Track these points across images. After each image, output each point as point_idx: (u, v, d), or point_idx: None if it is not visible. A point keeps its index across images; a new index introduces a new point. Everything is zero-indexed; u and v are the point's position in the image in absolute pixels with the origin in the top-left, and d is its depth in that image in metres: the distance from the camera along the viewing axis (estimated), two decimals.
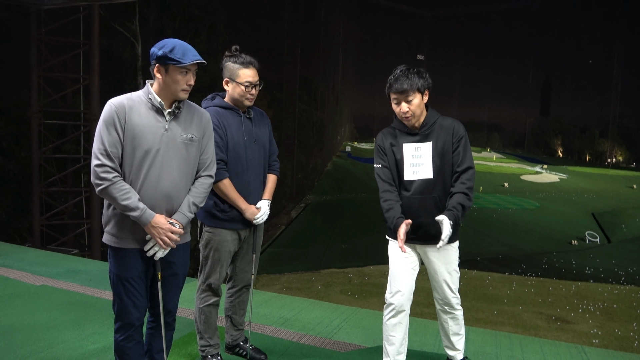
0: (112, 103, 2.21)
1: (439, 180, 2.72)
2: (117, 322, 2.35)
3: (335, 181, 59.32)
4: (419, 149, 2.75)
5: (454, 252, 2.82)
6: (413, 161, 2.75)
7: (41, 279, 4.88)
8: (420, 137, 2.75)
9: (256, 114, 3.01)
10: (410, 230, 2.73)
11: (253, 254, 3.03)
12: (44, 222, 14.52)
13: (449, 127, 2.74)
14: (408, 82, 2.67)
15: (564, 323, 16.01)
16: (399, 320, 2.81)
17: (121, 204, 2.15)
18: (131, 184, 2.22)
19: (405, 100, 2.69)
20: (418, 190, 2.73)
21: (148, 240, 2.26)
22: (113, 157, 2.16)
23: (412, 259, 2.84)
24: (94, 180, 2.17)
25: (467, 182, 2.69)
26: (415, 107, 2.70)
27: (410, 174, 2.75)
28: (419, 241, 2.78)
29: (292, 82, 43.34)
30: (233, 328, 3.16)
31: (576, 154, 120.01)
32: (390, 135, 2.83)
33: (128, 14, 19.12)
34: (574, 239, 36.93)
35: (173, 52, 2.19)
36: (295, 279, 21.02)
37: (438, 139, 2.73)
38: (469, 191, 2.68)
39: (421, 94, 2.71)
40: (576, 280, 22.81)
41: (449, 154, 2.73)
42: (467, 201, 2.66)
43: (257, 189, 2.97)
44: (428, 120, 2.77)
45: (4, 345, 3.31)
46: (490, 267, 24.88)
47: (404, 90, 2.68)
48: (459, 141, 2.72)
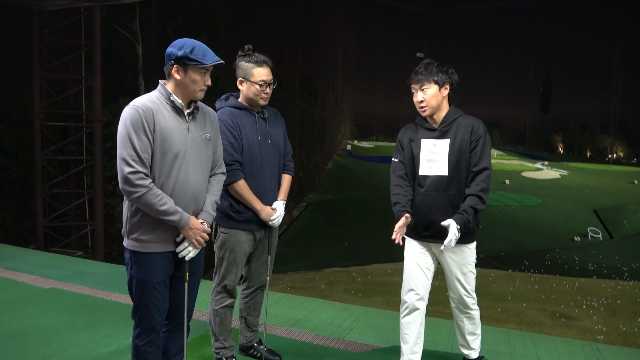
0: (137, 106, 2.15)
1: (454, 178, 2.69)
2: (138, 328, 2.33)
3: (337, 180, 59.34)
4: (436, 145, 2.73)
5: (470, 253, 2.79)
6: (429, 157, 2.74)
7: (50, 282, 4.86)
8: (439, 133, 2.74)
9: (270, 114, 2.98)
10: (424, 227, 2.72)
11: (268, 255, 3.01)
12: (47, 224, 14.52)
13: (469, 125, 2.72)
14: (426, 72, 2.69)
15: (568, 320, 15.99)
16: (413, 319, 2.80)
17: (159, 209, 2.13)
18: (162, 187, 2.20)
19: (421, 90, 2.71)
20: (432, 187, 2.71)
21: (179, 242, 2.27)
22: (145, 162, 2.14)
23: (427, 258, 2.82)
24: (127, 187, 2.12)
25: (482, 183, 2.65)
26: (430, 98, 2.69)
27: (425, 169, 2.74)
28: (432, 239, 2.75)
29: (293, 81, 43.34)
30: (247, 329, 3.14)
31: (577, 150, 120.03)
32: (411, 131, 2.84)
33: (129, 14, 19.11)
34: (577, 235, 36.96)
35: (194, 53, 2.16)
36: (299, 278, 21.02)
37: (456, 137, 2.71)
38: (482, 193, 2.64)
39: (438, 86, 2.70)
40: (579, 277, 22.84)
41: (466, 152, 2.70)
42: (480, 204, 2.63)
43: (272, 190, 2.94)
44: (448, 117, 2.75)
45: (16, 349, 3.29)
46: (493, 264, 24.88)
47: (419, 80, 2.70)
48: (477, 140, 2.69)
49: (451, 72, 2.74)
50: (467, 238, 2.72)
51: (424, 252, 2.81)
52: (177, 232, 2.26)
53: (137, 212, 2.22)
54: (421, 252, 2.81)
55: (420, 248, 2.82)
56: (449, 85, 2.73)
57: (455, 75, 2.76)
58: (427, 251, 2.82)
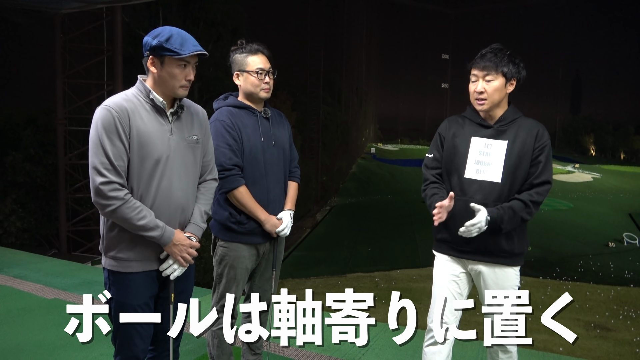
0: (110, 107, 1.86)
1: (507, 187, 2.25)
2: (118, 356, 2.06)
3: (360, 183, 58.90)
4: (489, 146, 2.29)
5: (514, 276, 2.34)
6: (479, 158, 2.29)
7: (54, 292, 4.68)
8: (495, 132, 2.30)
9: (274, 114, 2.67)
10: (464, 241, 2.28)
11: (273, 271, 2.70)
12: (70, 228, 14.63)
13: (533, 129, 2.28)
14: (495, 60, 2.25)
15: (603, 330, 15.24)
16: (438, 350, 2.40)
17: (137, 224, 1.85)
18: (141, 199, 1.92)
19: (483, 79, 2.27)
20: (479, 194, 2.27)
21: (164, 259, 1.99)
22: (120, 171, 1.86)
23: (461, 283, 2.39)
24: (98, 200, 1.84)
25: (536, 195, 2.23)
26: (492, 91, 2.25)
27: (472, 172, 2.29)
28: (470, 255, 2.33)
29: (316, 85, 43.24)
30: (250, 352, 2.83)
31: (610, 152, 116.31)
32: (457, 124, 2.38)
33: (151, 19, 19.25)
34: (611, 240, 35.53)
35: (170, 42, 1.87)
36: (321, 283, 20.73)
37: (516, 139, 2.27)
38: (532, 204, 2.22)
39: (505, 80, 2.26)
40: (615, 285, 21.89)
41: (526, 159, 2.25)
42: (524, 212, 2.22)
43: (277, 198, 2.62)
44: (507, 115, 2.31)
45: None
46: (523, 270, 23.87)
47: (485, 67, 2.25)
48: (542, 149, 2.26)
49: (522, 67, 2.30)
50: (514, 259, 2.31)
51: (456, 275, 2.40)
52: (160, 249, 1.97)
53: (114, 227, 1.94)
54: (453, 274, 2.39)
55: (453, 269, 2.40)
56: (515, 81, 2.29)
57: (524, 71, 2.31)
58: (462, 273, 2.40)
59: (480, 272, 2.34)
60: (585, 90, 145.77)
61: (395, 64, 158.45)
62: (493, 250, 2.27)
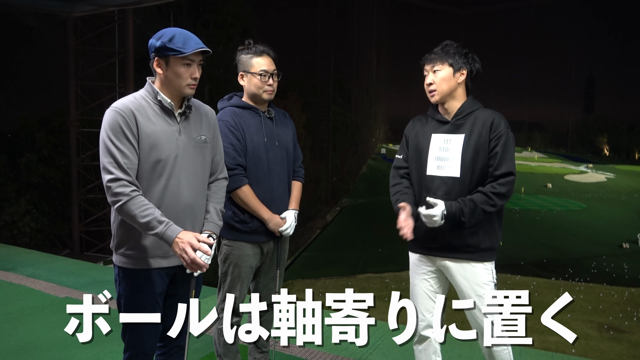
0: (118, 108, 1.92)
1: (467, 181, 2.24)
2: (127, 352, 2.11)
3: (371, 184, 58.72)
4: (448, 141, 2.30)
5: (485, 272, 2.28)
6: (439, 154, 2.31)
7: (66, 290, 4.76)
8: (452, 127, 2.31)
9: (278, 114, 2.71)
10: (430, 238, 2.30)
11: (277, 270, 2.73)
12: (82, 228, 14.80)
13: (487, 119, 2.26)
14: (441, 53, 2.30)
15: (617, 332, 15.06)
16: (424, 347, 2.42)
17: (141, 222, 1.88)
18: (150, 198, 1.96)
19: (432, 72, 2.32)
20: (441, 190, 2.27)
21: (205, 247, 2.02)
22: (127, 168, 1.90)
23: (432, 281, 2.38)
24: (108, 197, 1.90)
25: (498, 187, 2.19)
26: (440, 81, 2.29)
27: (433, 168, 2.31)
28: (437, 252, 2.32)
29: (326, 85, 43.22)
30: (257, 350, 2.86)
31: (624, 152, 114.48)
32: (420, 123, 2.43)
33: (163, 22, 19.41)
34: (625, 241, 34.97)
35: (172, 42, 1.91)
36: (331, 284, 20.75)
37: (472, 132, 2.26)
38: (494, 196, 2.18)
39: (453, 70, 2.29)
40: (629, 286, 21.59)
41: (483, 151, 2.24)
42: (487, 204, 2.17)
43: (281, 197, 2.66)
44: (464, 109, 2.32)
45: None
46: (535, 272, 23.88)
47: (431, 59, 2.31)
48: (497, 139, 2.23)
49: (472, 58, 2.33)
50: (482, 254, 2.27)
51: (426, 274, 2.40)
52: None
53: (124, 224, 1.99)
54: (424, 272, 2.40)
55: (423, 267, 2.40)
56: (466, 71, 2.31)
57: (477, 63, 2.34)
58: (433, 271, 2.39)
59: (448, 268, 2.33)
60: (599, 90, 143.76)
61: (406, 64, 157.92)
62: (457, 246, 2.26)
